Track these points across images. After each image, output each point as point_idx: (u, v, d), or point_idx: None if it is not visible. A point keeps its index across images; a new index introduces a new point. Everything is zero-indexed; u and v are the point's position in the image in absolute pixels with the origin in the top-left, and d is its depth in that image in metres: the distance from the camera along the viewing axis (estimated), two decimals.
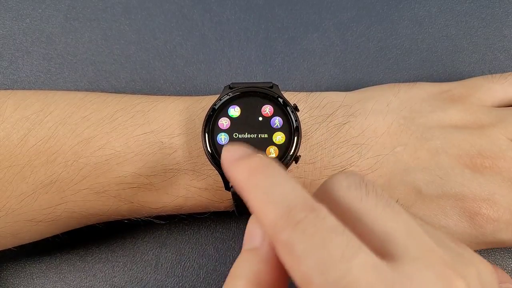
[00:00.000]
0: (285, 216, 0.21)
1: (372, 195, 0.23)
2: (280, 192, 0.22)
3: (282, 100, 0.33)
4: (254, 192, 0.22)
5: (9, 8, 0.44)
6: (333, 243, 0.20)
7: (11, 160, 0.33)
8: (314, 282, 0.20)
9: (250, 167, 0.23)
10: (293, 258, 0.21)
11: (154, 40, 0.43)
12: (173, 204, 0.34)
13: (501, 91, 0.37)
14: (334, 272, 0.19)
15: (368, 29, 0.44)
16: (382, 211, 0.22)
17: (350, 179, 0.23)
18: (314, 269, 0.20)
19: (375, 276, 0.20)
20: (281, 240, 0.21)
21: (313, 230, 0.20)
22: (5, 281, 0.39)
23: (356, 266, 0.20)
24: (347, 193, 0.23)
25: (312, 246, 0.20)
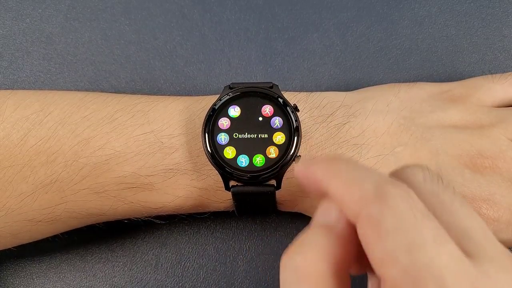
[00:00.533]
0: (376, 190, 0.21)
1: (449, 192, 0.22)
2: (365, 172, 0.22)
3: (282, 100, 0.33)
4: (338, 175, 0.22)
5: (9, 8, 0.44)
6: (424, 226, 0.20)
7: (11, 160, 0.33)
8: (399, 261, 0.19)
9: (329, 158, 0.23)
10: (379, 233, 0.20)
11: (154, 40, 0.43)
12: (173, 204, 0.34)
13: (501, 91, 0.37)
14: (424, 254, 0.19)
15: (368, 29, 0.44)
16: (459, 208, 0.22)
17: (426, 173, 0.23)
18: (402, 247, 0.19)
19: (461, 268, 0.19)
20: (368, 214, 0.20)
21: (406, 208, 0.20)
22: (5, 281, 0.39)
23: (445, 254, 0.19)
24: (424, 185, 0.22)
25: (404, 224, 0.20)
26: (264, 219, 0.39)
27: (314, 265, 0.21)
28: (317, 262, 0.21)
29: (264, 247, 0.39)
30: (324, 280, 0.21)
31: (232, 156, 0.32)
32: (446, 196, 0.22)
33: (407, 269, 0.19)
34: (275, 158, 0.32)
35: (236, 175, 0.32)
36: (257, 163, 0.32)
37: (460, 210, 0.22)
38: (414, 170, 0.23)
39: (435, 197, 0.22)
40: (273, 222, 0.39)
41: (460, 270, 0.19)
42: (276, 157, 0.32)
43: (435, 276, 0.19)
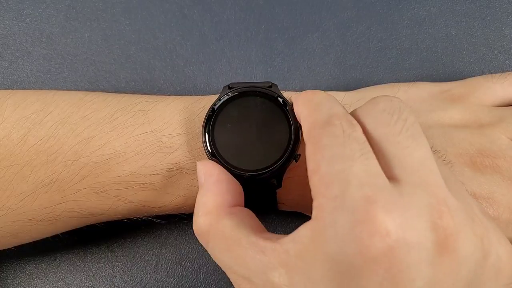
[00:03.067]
0: (325, 119, 0.26)
1: (399, 123, 0.25)
2: (328, 106, 0.27)
3: (282, 100, 0.33)
4: (308, 104, 0.27)
5: (9, 8, 0.44)
6: (351, 145, 0.24)
7: (11, 159, 0.33)
8: (321, 169, 0.24)
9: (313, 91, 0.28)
10: (315, 149, 0.25)
11: (154, 40, 0.43)
12: (173, 204, 0.34)
13: (501, 90, 0.37)
14: (339, 164, 0.23)
15: (368, 29, 0.44)
16: (403, 139, 0.24)
17: (387, 103, 0.26)
18: (325, 159, 0.24)
19: (370, 179, 0.23)
20: (313, 134, 0.25)
21: (340, 133, 0.24)
22: (5, 281, 0.39)
23: (358, 166, 0.23)
24: (378, 115, 0.26)
25: (334, 142, 0.24)
26: (264, 219, 0.39)
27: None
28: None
29: None
30: None
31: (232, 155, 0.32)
32: (395, 127, 0.25)
33: (324, 175, 0.23)
34: (275, 157, 0.32)
35: (236, 174, 0.32)
36: (257, 162, 0.32)
37: (403, 141, 0.24)
38: (379, 99, 0.27)
39: (383, 127, 0.25)
40: (273, 222, 0.39)
41: (368, 180, 0.23)
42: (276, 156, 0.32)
43: (343, 181, 0.23)
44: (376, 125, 0.25)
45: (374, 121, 0.26)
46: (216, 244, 0.27)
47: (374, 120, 0.26)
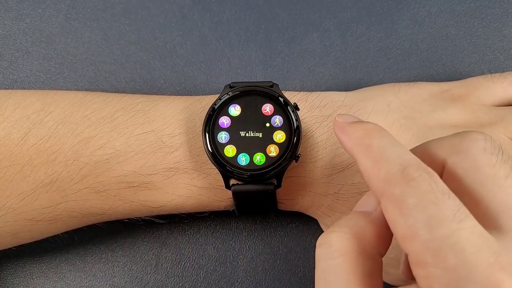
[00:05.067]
0: (400, 172, 0.22)
1: (506, 166, 0.23)
2: (394, 152, 0.23)
3: (283, 99, 0.33)
4: (368, 151, 0.24)
5: (9, 8, 0.44)
6: (444, 203, 0.21)
7: (11, 159, 0.33)
8: (420, 235, 0.21)
9: (364, 129, 0.25)
10: (401, 211, 0.21)
11: (154, 40, 0.43)
12: (173, 203, 0.34)
13: (500, 90, 0.37)
14: (443, 229, 0.20)
15: (368, 29, 0.44)
16: (510, 183, 0.22)
17: (488, 142, 0.24)
18: (422, 223, 0.21)
19: (482, 242, 0.20)
20: (392, 193, 0.22)
21: (427, 188, 0.21)
22: (5, 281, 0.39)
23: (465, 228, 0.20)
24: (481, 154, 0.23)
25: (424, 202, 0.21)
26: (264, 219, 0.39)
27: (347, 242, 0.23)
28: (350, 240, 0.23)
29: (264, 247, 0.39)
30: (354, 257, 0.23)
31: (233, 155, 0.32)
32: (501, 170, 0.23)
33: (427, 243, 0.20)
34: (276, 156, 0.32)
35: (237, 173, 0.32)
36: (257, 162, 0.32)
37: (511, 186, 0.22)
38: (477, 137, 0.24)
39: (490, 168, 0.23)
40: (273, 222, 0.39)
41: (480, 242, 0.20)
42: (277, 156, 0.32)
43: (455, 248, 0.20)
44: (477, 166, 0.23)
45: (475, 161, 0.23)
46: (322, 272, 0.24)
47: (475, 159, 0.23)
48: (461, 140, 0.24)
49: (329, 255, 0.23)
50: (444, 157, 0.24)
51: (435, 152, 0.25)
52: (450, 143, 0.25)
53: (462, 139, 0.24)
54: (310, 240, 0.39)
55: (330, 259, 0.23)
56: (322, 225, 0.37)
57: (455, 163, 0.24)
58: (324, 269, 0.23)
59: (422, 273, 0.21)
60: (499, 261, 0.20)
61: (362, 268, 0.23)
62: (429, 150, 0.25)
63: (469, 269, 0.20)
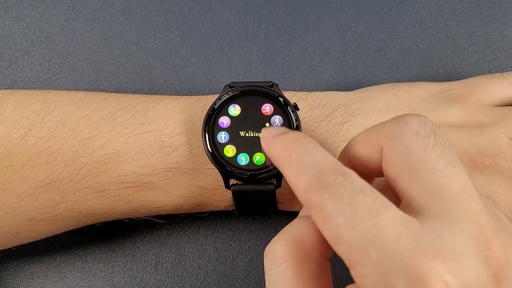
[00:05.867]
0: (316, 180, 0.22)
1: (438, 148, 0.23)
2: (311, 160, 0.23)
3: (283, 99, 0.33)
4: (288, 164, 0.24)
5: (9, 8, 0.44)
6: (360, 201, 0.21)
7: (11, 159, 0.33)
8: (343, 237, 0.21)
9: (284, 142, 0.25)
10: (324, 218, 0.22)
11: (154, 40, 0.43)
12: (173, 203, 0.34)
13: (500, 90, 0.37)
14: (361, 226, 0.21)
15: (368, 29, 0.44)
16: (441, 166, 0.22)
17: (421, 126, 0.24)
18: (342, 225, 0.21)
19: (402, 229, 0.20)
20: (313, 203, 0.22)
21: (342, 191, 0.22)
22: (5, 281, 0.38)
23: (383, 220, 0.21)
24: (413, 138, 0.23)
25: (341, 204, 0.21)
26: (264, 219, 0.39)
27: (288, 249, 0.23)
28: (290, 246, 0.23)
29: (264, 247, 0.39)
30: (297, 262, 0.23)
31: (232, 155, 0.32)
32: (433, 153, 0.23)
33: (350, 243, 0.21)
34: None
35: (236, 173, 0.32)
36: (257, 162, 0.32)
37: (442, 169, 0.22)
38: (410, 120, 0.24)
39: (422, 152, 0.23)
40: (273, 222, 0.39)
41: (402, 230, 0.20)
42: None
43: (375, 242, 0.20)
44: (409, 150, 0.23)
45: (407, 146, 0.23)
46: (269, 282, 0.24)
47: (407, 144, 0.23)
48: (396, 124, 0.24)
49: (273, 264, 0.23)
50: (381, 144, 0.24)
51: (374, 138, 0.25)
52: (387, 128, 0.24)
53: (397, 123, 0.24)
54: None
55: (275, 268, 0.23)
56: None
57: (390, 149, 0.24)
58: (271, 279, 0.23)
59: (354, 273, 0.21)
60: (420, 245, 0.20)
61: (306, 272, 0.23)
62: (368, 137, 0.25)
63: (391, 259, 0.20)
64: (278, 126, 0.30)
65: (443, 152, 0.23)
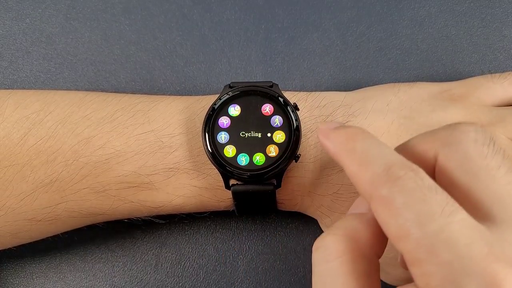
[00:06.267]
0: (385, 172, 0.22)
1: (498, 156, 0.23)
2: (378, 153, 0.23)
3: (283, 100, 0.33)
4: (351, 155, 0.24)
5: (9, 8, 0.44)
6: (432, 199, 0.21)
7: (11, 159, 0.33)
8: (412, 233, 0.20)
9: (347, 133, 0.25)
10: (391, 211, 0.21)
11: (154, 40, 0.43)
12: (173, 204, 0.34)
13: (501, 90, 0.37)
14: (434, 225, 0.20)
15: (368, 29, 0.44)
16: (503, 174, 0.22)
17: (479, 133, 0.23)
18: (413, 221, 0.20)
19: (474, 234, 0.20)
20: (380, 195, 0.22)
21: (414, 186, 0.21)
22: (5, 281, 0.39)
23: (456, 222, 0.20)
24: (472, 146, 0.23)
25: (413, 199, 0.21)
26: (264, 219, 0.39)
27: (342, 244, 0.23)
28: (345, 242, 0.23)
29: (264, 247, 0.39)
30: (350, 259, 0.23)
31: (232, 155, 0.32)
32: (493, 161, 0.22)
33: (420, 240, 0.20)
34: (275, 156, 0.32)
35: (236, 173, 0.32)
36: (257, 162, 0.32)
37: (503, 177, 0.22)
38: (467, 128, 0.24)
39: (482, 160, 0.22)
40: (273, 222, 0.39)
41: (473, 234, 0.20)
42: (276, 156, 0.32)
43: (447, 242, 0.20)
44: (468, 157, 0.23)
45: (466, 153, 0.23)
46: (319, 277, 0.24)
47: (465, 151, 0.23)
48: (451, 132, 0.24)
49: (325, 258, 0.23)
50: (435, 150, 0.24)
51: (426, 145, 0.25)
52: (441, 136, 0.24)
53: (452, 131, 0.24)
54: (310, 240, 0.39)
55: (326, 262, 0.23)
56: (322, 225, 0.37)
57: (447, 156, 0.23)
58: (321, 273, 0.23)
59: (418, 271, 0.21)
60: (493, 251, 0.20)
61: (359, 269, 0.23)
62: (421, 143, 0.25)
63: (464, 262, 0.19)
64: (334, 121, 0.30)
65: (503, 160, 0.22)
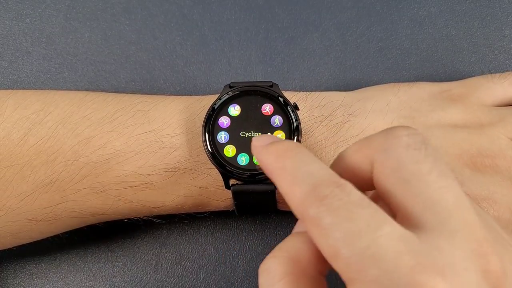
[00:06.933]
0: (311, 193, 0.22)
1: (429, 160, 0.22)
2: (305, 171, 0.23)
3: (283, 99, 0.33)
4: (282, 174, 0.23)
5: (9, 8, 0.44)
6: (358, 215, 0.21)
7: (11, 159, 0.33)
8: (341, 253, 0.20)
9: (277, 151, 0.24)
10: (320, 232, 0.21)
11: (154, 40, 0.43)
12: (173, 203, 0.34)
13: (501, 90, 0.37)
14: (360, 242, 0.20)
15: (368, 29, 0.44)
16: (434, 178, 0.22)
17: (411, 137, 0.23)
18: (340, 240, 0.20)
19: (402, 245, 0.20)
20: (309, 216, 0.21)
21: (339, 204, 0.21)
22: (5, 281, 0.39)
23: (382, 236, 0.20)
24: (404, 151, 0.23)
25: (338, 219, 0.21)
26: (264, 219, 0.39)
27: (283, 266, 0.23)
28: (286, 264, 0.23)
29: (264, 247, 0.39)
30: (292, 280, 0.22)
31: (232, 155, 0.32)
32: (425, 165, 0.22)
33: (349, 259, 0.20)
34: None
35: (236, 173, 0.32)
36: (257, 162, 0.32)
37: (436, 181, 0.22)
38: (400, 133, 0.23)
39: (414, 165, 0.22)
40: (273, 222, 0.39)
41: (401, 247, 0.20)
42: None
43: (374, 258, 0.20)
44: (401, 163, 0.22)
45: (398, 159, 0.22)
46: None
47: (398, 157, 0.22)
48: (385, 137, 0.24)
49: (269, 282, 0.23)
50: (371, 157, 0.24)
51: (363, 152, 0.24)
52: (375, 142, 0.24)
53: (386, 136, 0.24)
54: None
55: (270, 286, 0.23)
56: None
57: (381, 163, 0.23)
58: None
59: None
60: (420, 262, 0.19)
61: None
62: (357, 151, 0.25)
63: (391, 276, 0.19)
64: (269, 134, 0.30)
65: (435, 164, 0.22)
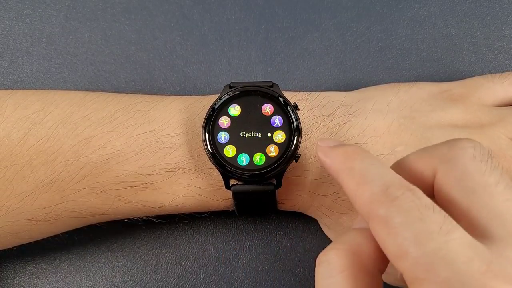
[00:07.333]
0: (383, 193, 0.22)
1: (496, 172, 0.23)
2: (376, 173, 0.23)
3: (283, 99, 0.33)
4: (351, 174, 0.24)
5: (9, 8, 0.44)
6: (430, 218, 0.21)
7: (11, 159, 0.33)
8: (410, 252, 0.21)
9: (346, 152, 0.25)
10: (389, 231, 0.21)
11: (154, 40, 0.43)
12: (173, 204, 0.34)
13: (501, 90, 0.37)
14: (432, 243, 0.20)
15: (368, 29, 0.44)
16: (501, 190, 0.22)
17: (477, 150, 0.24)
18: (410, 240, 0.21)
19: (472, 252, 0.20)
20: (378, 215, 0.22)
21: (411, 206, 0.21)
22: (5, 281, 0.39)
23: (454, 240, 0.20)
24: (471, 162, 0.23)
25: (410, 219, 0.21)
26: (264, 219, 0.39)
27: (344, 259, 0.23)
28: (347, 256, 0.23)
29: (264, 247, 0.39)
30: (353, 274, 0.23)
31: (233, 155, 0.32)
32: (492, 177, 0.23)
33: (418, 259, 0.20)
34: (275, 156, 0.32)
35: (237, 173, 0.32)
36: (257, 162, 0.32)
37: (503, 193, 0.22)
38: (466, 144, 0.24)
39: (480, 176, 0.23)
40: (273, 222, 0.39)
41: (472, 253, 0.20)
42: (276, 156, 0.32)
43: (446, 260, 0.20)
44: (467, 174, 0.23)
45: (464, 170, 0.23)
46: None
47: (464, 168, 0.23)
48: (450, 148, 0.24)
49: (328, 273, 0.23)
50: (434, 167, 0.24)
51: (425, 161, 0.25)
52: (439, 152, 0.24)
53: (451, 147, 0.24)
54: (310, 241, 0.39)
55: (329, 277, 0.23)
56: (322, 225, 0.37)
57: (445, 172, 0.24)
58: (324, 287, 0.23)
59: None
60: (492, 269, 0.20)
61: (361, 285, 0.23)
62: (419, 160, 0.25)
63: (462, 279, 0.20)
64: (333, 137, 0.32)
65: (501, 177, 0.23)
